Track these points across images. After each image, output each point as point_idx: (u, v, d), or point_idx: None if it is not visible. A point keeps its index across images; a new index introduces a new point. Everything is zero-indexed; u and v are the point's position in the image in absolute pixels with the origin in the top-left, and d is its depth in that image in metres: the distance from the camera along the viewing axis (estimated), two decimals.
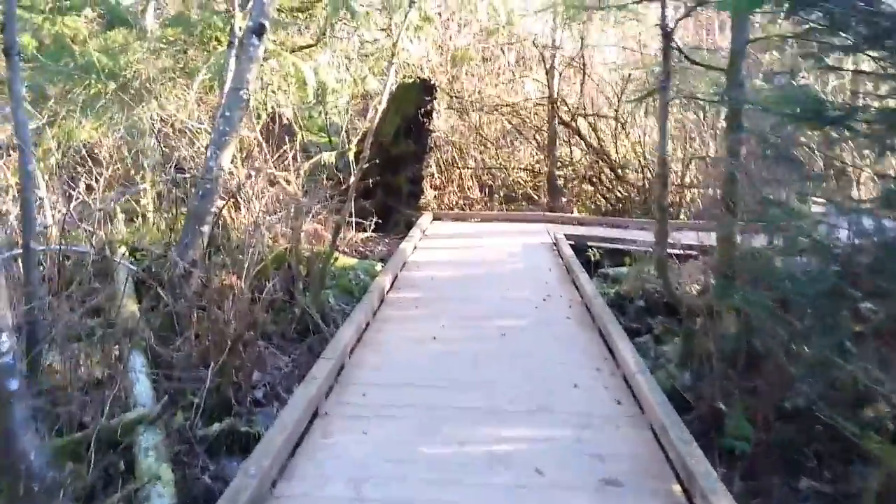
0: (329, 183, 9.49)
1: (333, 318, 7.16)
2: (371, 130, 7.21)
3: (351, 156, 7.52)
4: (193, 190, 5.67)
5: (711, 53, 6.66)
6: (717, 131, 12.55)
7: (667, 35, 5.21)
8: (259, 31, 5.54)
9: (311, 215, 7.65)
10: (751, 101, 4.86)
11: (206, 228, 5.40)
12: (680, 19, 5.52)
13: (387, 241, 11.46)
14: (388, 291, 6.45)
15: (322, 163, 7.48)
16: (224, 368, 4.75)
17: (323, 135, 15.80)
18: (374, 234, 11.14)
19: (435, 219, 11.19)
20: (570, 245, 8.96)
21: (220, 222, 7.05)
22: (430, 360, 4.67)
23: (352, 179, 7.11)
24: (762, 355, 5.12)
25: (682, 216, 12.06)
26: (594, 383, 4.30)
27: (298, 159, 7.55)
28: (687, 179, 12.47)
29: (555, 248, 8.94)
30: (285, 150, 8.14)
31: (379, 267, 8.22)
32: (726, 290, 5.31)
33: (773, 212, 4.05)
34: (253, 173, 6.86)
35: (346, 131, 9.91)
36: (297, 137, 8.07)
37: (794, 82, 5.23)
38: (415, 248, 8.69)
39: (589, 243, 9.46)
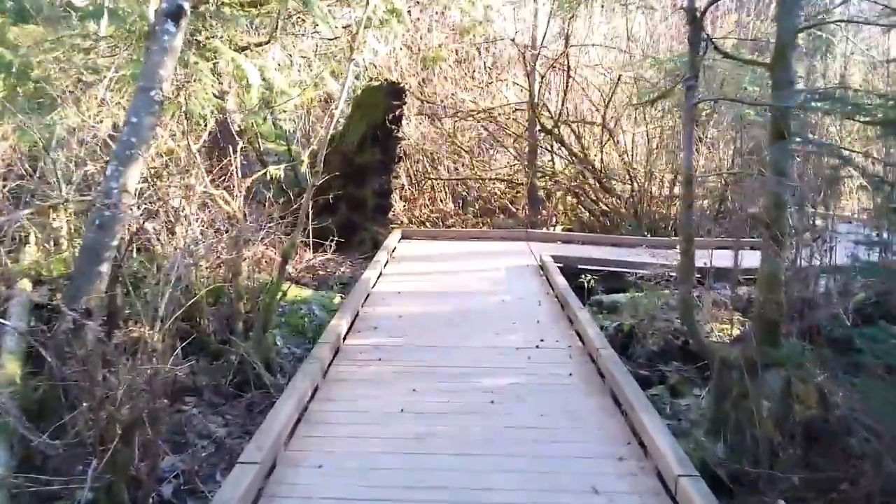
0: (282, 200, 8.26)
1: (281, 366, 5.95)
2: (324, 139, 6.01)
3: (304, 167, 6.29)
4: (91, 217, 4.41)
5: (739, 44, 5.59)
6: (711, 141, 11.61)
7: (695, 21, 4.10)
8: (175, 14, 4.32)
9: (259, 239, 6.42)
10: (808, 105, 3.79)
11: (104, 268, 4.15)
12: (714, 1, 4.42)
13: (350, 262, 10.26)
14: (345, 337, 5.24)
15: (270, 177, 6.30)
16: (116, 460, 3.51)
17: (282, 143, 14.56)
18: (335, 255, 9.95)
19: (404, 237, 10.00)
20: (559, 268, 7.85)
21: (139, 253, 5.80)
22: (397, 449, 3.48)
23: (305, 195, 5.90)
24: (825, 427, 4.05)
25: (676, 234, 11.06)
26: (619, 485, 3.15)
27: (240, 175, 6.31)
28: (676, 190, 11.47)
29: (542, 272, 7.81)
30: (229, 163, 6.89)
31: (338, 299, 7.01)
32: (772, 341, 4.23)
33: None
34: (179, 193, 5.62)
35: (302, 139, 8.67)
36: (240, 147, 6.82)
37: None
38: (380, 275, 7.49)
39: (580, 266, 8.36)
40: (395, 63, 12.26)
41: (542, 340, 5.22)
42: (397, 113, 10.75)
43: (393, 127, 10.89)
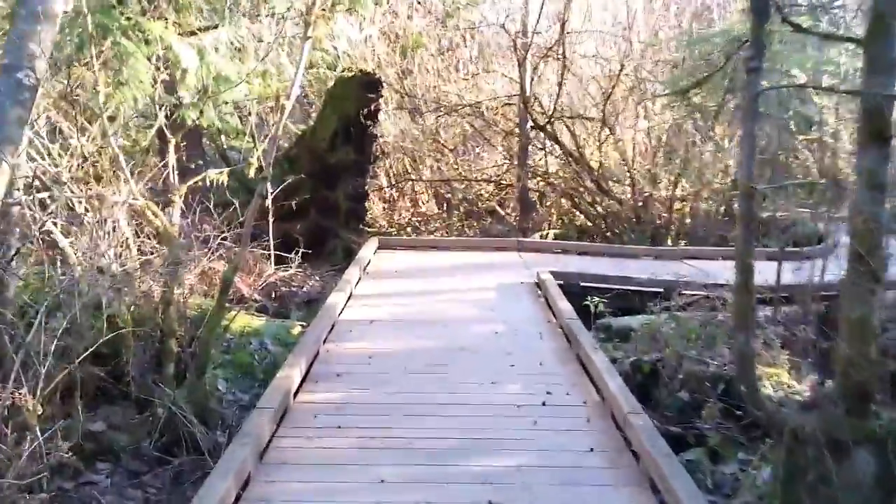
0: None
1: (221, 418, 4.83)
2: (275, 136, 4.85)
3: (251, 172, 5.12)
4: None
5: (811, 13, 4.51)
6: (716, 135, 10.55)
7: None
8: None
9: (194, 260, 5.25)
10: None
11: None
12: None
13: (319, 276, 9.10)
14: (297, 391, 4.10)
15: (211, 182, 5.14)
16: None
17: (249, 140, 13.37)
18: (302, 268, 8.82)
19: (381, 247, 8.86)
20: (559, 285, 6.76)
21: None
22: None
23: (251, 204, 4.74)
24: None
25: (678, 240, 10.02)
26: None
27: (176, 180, 5.13)
28: (678, 192, 10.45)
29: (540, 292, 6.71)
30: (164, 167, 5.70)
31: (297, 329, 5.86)
32: (863, 409, 3.16)
33: None
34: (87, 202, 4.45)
35: (251, 136, 7.55)
36: (181, 145, 5.63)
37: None
38: (350, 296, 6.35)
39: (583, 283, 7.27)
40: (372, 52, 11.09)
41: (548, 394, 4.12)
42: (372, 107, 9.60)
43: (368, 123, 9.74)
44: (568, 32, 9.76)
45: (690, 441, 4.33)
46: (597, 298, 6.44)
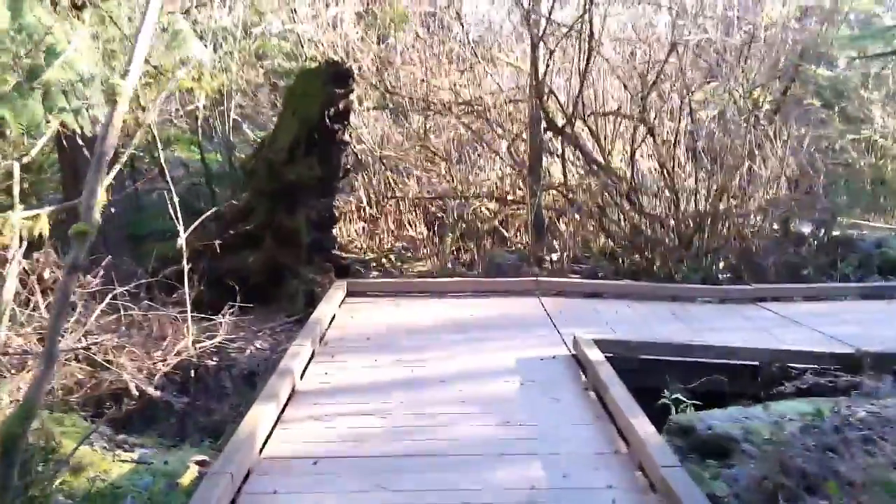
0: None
1: None
2: (101, 154, 2.53)
3: (101, 195, 2.76)
4: None
5: None
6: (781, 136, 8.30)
7: None
8: None
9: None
10: None
11: None
12: None
13: (269, 333, 6.79)
14: None
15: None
16: None
17: (194, 150, 11.06)
18: (247, 320, 6.62)
19: (351, 293, 6.55)
20: (608, 358, 4.50)
21: None
22: None
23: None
24: None
25: (714, 268, 7.67)
26: None
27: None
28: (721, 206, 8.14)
29: (585, 381, 4.41)
30: None
31: (191, 474, 3.51)
32: None
33: None
34: None
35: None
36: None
37: None
38: (289, 398, 4.02)
39: (642, 356, 4.98)
40: (342, 37, 8.80)
41: None
42: (341, 106, 7.31)
43: (336, 126, 7.43)
44: (596, 3, 7.45)
45: None
46: (675, 393, 4.17)
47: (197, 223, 5.77)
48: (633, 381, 4.23)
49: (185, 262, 5.14)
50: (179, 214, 5.13)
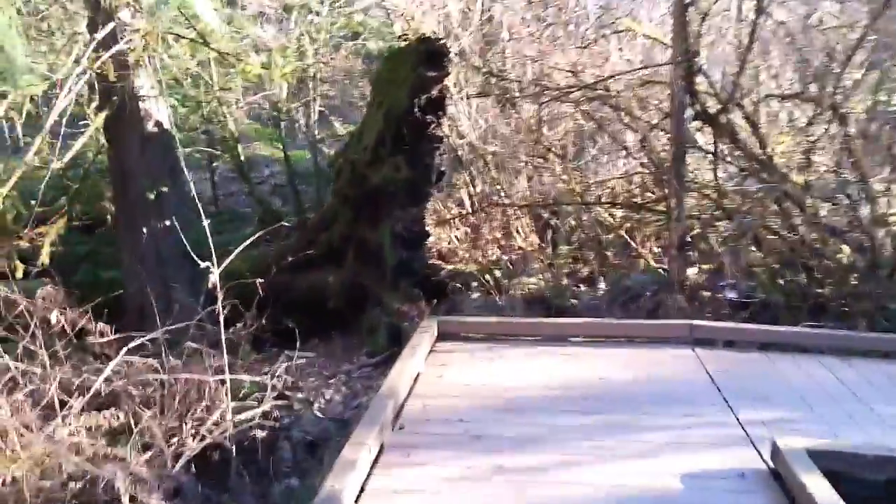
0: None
1: None
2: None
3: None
4: None
5: None
6: None
7: None
8: None
9: None
10: None
11: None
12: None
13: (342, 378, 5.47)
14: None
15: None
16: None
17: (278, 144, 10.07)
18: (318, 357, 5.41)
19: (442, 336, 5.05)
20: (828, 474, 2.79)
21: None
22: None
23: None
24: None
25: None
26: None
27: None
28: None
29: None
30: None
31: None
32: None
33: None
34: None
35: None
36: None
37: None
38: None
39: (875, 476, 3.21)
40: (440, 11, 7.32)
41: None
42: (434, 93, 5.84)
43: (429, 118, 5.98)
44: None
45: None
46: None
47: (244, 245, 4.48)
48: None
49: (219, 304, 3.82)
50: (211, 242, 3.82)
